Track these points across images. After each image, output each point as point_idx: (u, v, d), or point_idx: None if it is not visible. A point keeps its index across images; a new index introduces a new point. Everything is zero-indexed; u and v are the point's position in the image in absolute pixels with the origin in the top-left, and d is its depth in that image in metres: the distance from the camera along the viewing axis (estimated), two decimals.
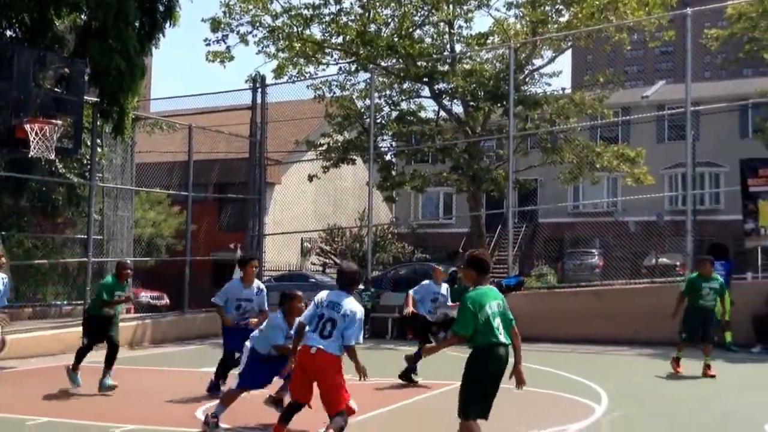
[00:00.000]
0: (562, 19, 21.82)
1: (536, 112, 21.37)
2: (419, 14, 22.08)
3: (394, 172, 22.60)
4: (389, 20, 22.08)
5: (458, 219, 31.15)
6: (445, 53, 22.10)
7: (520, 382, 5.84)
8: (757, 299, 14.56)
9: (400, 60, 21.58)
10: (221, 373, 9.49)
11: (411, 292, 11.13)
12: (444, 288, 11.29)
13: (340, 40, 22.28)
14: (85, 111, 14.46)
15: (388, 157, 23.50)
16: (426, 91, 22.46)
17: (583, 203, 34.04)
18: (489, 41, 22.53)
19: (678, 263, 20.59)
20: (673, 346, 11.66)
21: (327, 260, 29.93)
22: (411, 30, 21.84)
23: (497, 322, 5.69)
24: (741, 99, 26.08)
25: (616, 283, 19.03)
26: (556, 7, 21.68)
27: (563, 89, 23.70)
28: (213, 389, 9.41)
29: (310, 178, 22.74)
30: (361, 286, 20.76)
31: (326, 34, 22.28)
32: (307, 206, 28.07)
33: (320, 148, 22.66)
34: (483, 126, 21.91)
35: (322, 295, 6.51)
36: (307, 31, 22.06)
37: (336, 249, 29.83)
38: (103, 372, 9.56)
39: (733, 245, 16.16)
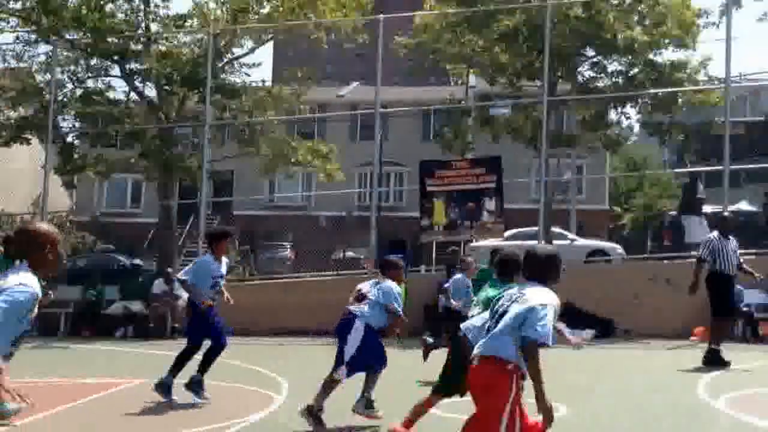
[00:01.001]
0: (264, 11, 21.75)
1: (234, 101, 21.09)
2: None
3: (75, 155, 20.94)
4: None
5: (148, 208, 29.87)
6: (139, 32, 20.94)
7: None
8: (429, 290, 15.63)
9: (88, 34, 20.03)
10: (180, 367, 8.34)
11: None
12: None
13: (18, 5, 20.22)
14: None
15: (69, 139, 21.80)
16: (116, 70, 21.08)
17: (278, 196, 34.57)
18: (187, 24, 21.77)
19: (363, 257, 21.54)
20: None
21: None
22: (102, 3, 20.38)
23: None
24: (425, 105, 28.05)
25: (305, 275, 19.42)
26: None
27: (264, 81, 23.76)
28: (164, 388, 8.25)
29: None
30: None
31: None
32: None
33: None
34: (178, 112, 21.09)
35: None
36: None
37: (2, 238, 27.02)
38: None
39: (411, 240, 17.27)
